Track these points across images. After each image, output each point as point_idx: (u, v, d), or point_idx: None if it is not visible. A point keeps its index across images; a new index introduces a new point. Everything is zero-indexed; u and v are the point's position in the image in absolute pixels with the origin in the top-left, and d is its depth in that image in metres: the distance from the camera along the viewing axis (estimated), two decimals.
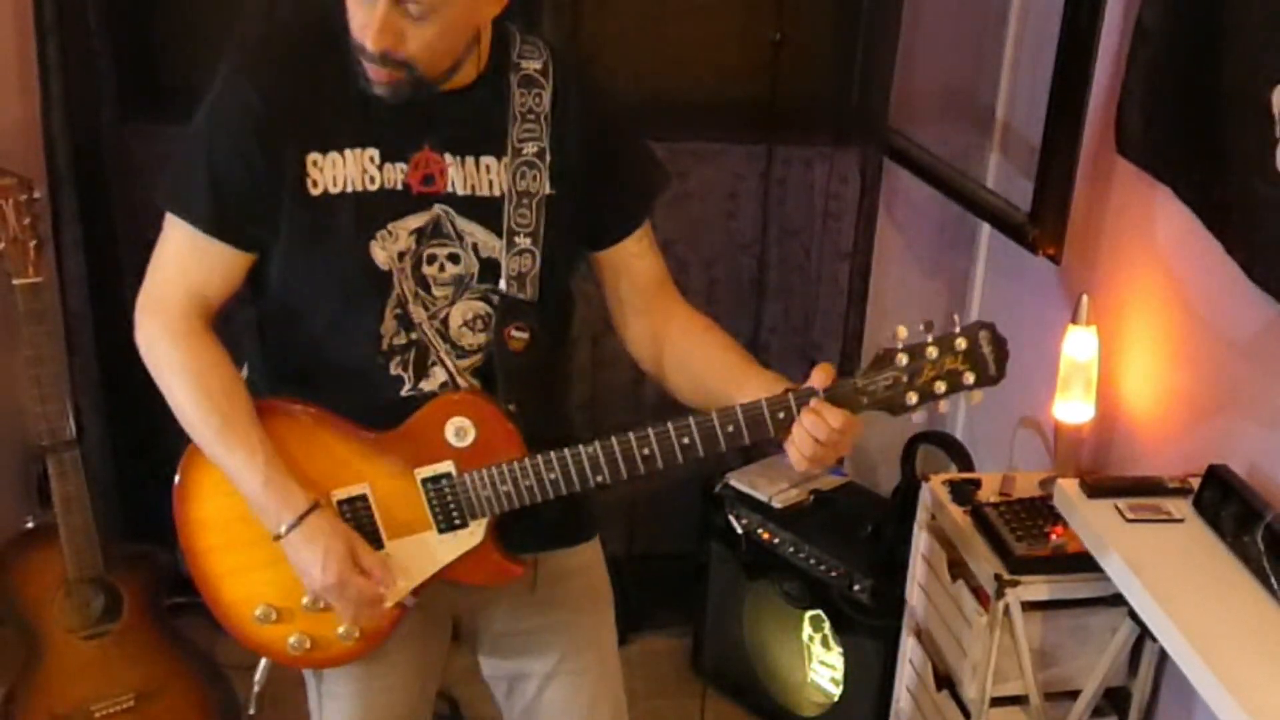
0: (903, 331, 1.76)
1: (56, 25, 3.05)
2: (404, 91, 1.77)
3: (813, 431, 1.75)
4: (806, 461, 1.77)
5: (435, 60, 1.76)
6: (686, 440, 1.80)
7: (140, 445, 3.44)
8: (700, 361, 1.97)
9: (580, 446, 1.83)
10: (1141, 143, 2.61)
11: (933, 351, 1.74)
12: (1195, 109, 2.40)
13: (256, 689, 3.23)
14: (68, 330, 3.24)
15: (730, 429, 1.78)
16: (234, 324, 1.99)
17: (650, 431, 1.80)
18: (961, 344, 1.74)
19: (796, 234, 3.60)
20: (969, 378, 1.75)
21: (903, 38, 3.40)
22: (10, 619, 2.82)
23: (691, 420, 1.79)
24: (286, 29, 1.96)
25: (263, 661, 2.21)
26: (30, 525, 2.91)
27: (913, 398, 1.76)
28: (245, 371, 2.02)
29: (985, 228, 3.40)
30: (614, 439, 1.82)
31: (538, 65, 1.91)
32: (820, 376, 1.77)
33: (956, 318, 1.76)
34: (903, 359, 1.75)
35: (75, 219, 3.19)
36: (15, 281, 2.67)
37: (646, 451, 1.81)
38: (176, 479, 1.96)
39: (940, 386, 1.75)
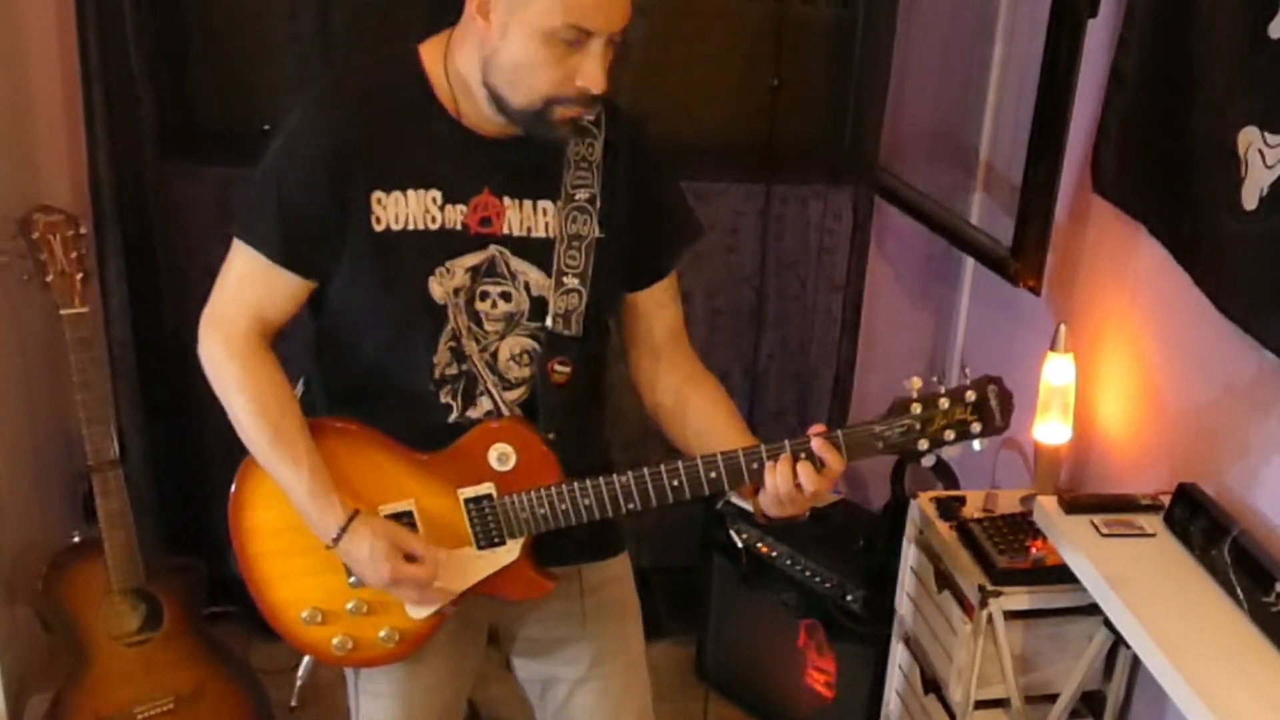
0: (917, 382, 1.78)
1: (101, 71, 3.07)
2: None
3: (822, 456, 1.77)
4: (779, 501, 1.79)
5: None
6: (714, 474, 1.82)
7: (180, 465, 3.46)
8: (695, 415, 2.00)
9: (615, 476, 1.84)
10: (1116, 182, 2.63)
11: (944, 403, 1.76)
12: (1167, 150, 2.41)
13: (300, 683, 3.24)
14: (112, 357, 3.25)
15: (754, 466, 1.80)
16: (293, 342, 2.00)
17: (680, 464, 1.82)
18: (971, 396, 1.76)
19: (793, 267, 3.61)
20: (976, 427, 1.77)
21: (893, 83, 3.41)
22: (58, 627, 2.83)
23: (719, 456, 1.81)
24: (359, 73, 1.93)
25: (305, 658, 2.20)
26: (77, 539, 2.93)
27: (924, 444, 1.78)
28: (300, 388, 2.02)
29: (970, 261, 3.41)
30: (646, 470, 1.83)
31: (590, 116, 1.90)
32: (817, 433, 1.79)
33: (967, 370, 1.78)
34: (917, 408, 1.77)
35: (119, 253, 3.21)
36: (63, 311, 2.68)
37: (676, 483, 1.83)
38: (233, 487, 1.97)
39: (950, 435, 1.77)
